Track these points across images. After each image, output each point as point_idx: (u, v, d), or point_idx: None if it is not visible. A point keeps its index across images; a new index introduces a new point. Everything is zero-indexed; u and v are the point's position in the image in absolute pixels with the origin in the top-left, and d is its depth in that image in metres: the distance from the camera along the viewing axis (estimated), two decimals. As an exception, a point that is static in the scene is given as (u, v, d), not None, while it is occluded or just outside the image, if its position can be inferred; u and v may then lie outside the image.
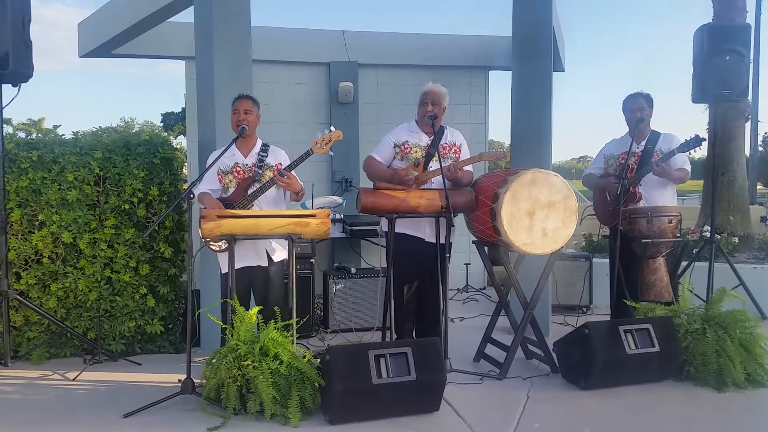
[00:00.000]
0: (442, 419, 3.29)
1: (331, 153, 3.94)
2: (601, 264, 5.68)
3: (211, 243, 3.77)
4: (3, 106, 4.11)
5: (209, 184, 3.86)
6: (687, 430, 3.18)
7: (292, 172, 3.79)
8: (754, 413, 3.46)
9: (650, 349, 3.67)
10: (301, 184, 3.89)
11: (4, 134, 4.14)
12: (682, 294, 4.03)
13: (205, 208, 3.73)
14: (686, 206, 10.15)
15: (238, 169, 3.87)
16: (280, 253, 3.93)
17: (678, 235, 4.24)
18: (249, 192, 3.82)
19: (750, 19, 7.45)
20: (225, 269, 3.85)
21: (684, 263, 5.36)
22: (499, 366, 4.00)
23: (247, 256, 3.84)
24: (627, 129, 4.46)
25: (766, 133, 36.23)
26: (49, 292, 4.35)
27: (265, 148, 3.96)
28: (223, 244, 3.78)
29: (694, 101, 5.31)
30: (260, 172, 3.85)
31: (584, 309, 5.70)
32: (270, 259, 3.88)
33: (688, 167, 4.39)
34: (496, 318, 4.38)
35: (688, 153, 4.35)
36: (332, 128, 3.84)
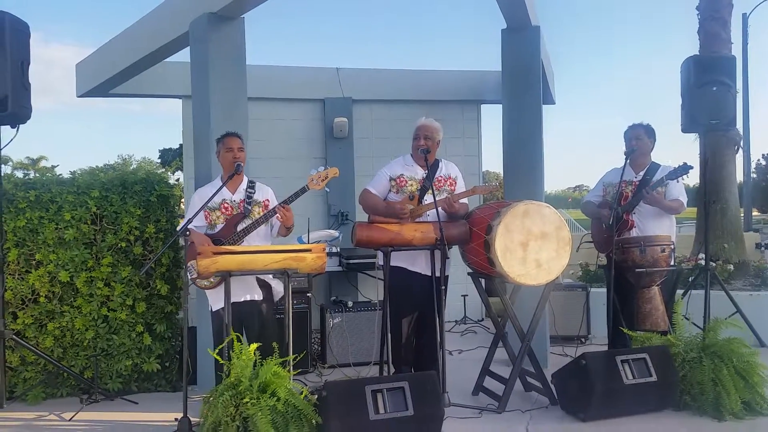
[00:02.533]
0: (441, 454, 3.27)
1: (327, 189, 3.98)
2: (599, 294, 5.69)
3: (198, 280, 3.76)
4: (1, 147, 4.15)
5: (196, 221, 3.82)
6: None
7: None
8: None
9: (648, 378, 3.67)
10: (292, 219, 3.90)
11: (2, 174, 4.17)
12: (676, 323, 4.03)
13: (191, 243, 3.74)
14: (682, 234, 10.18)
15: (225, 205, 3.87)
16: (278, 287, 3.94)
17: (672, 264, 4.27)
18: (239, 228, 3.83)
19: (735, 50, 7.59)
20: (215, 307, 3.85)
21: (680, 291, 5.38)
22: (498, 399, 3.98)
23: (237, 292, 3.80)
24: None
25: (758, 160, 36.64)
26: (45, 331, 4.34)
27: (251, 184, 3.98)
28: (212, 281, 3.79)
29: (683, 131, 5.39)
30: (249, 208, 3.87)
31: (582, 339, 5.69)
32: (266, 293, 3.88)
33: (684, 198, 4.44)
34: (494, 350, 4.37)
35: (681, 182, 4.41)
36: (328, 165, 3.89)
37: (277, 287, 3.94)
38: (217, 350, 3.38)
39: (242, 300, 3.83)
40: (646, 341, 3.97)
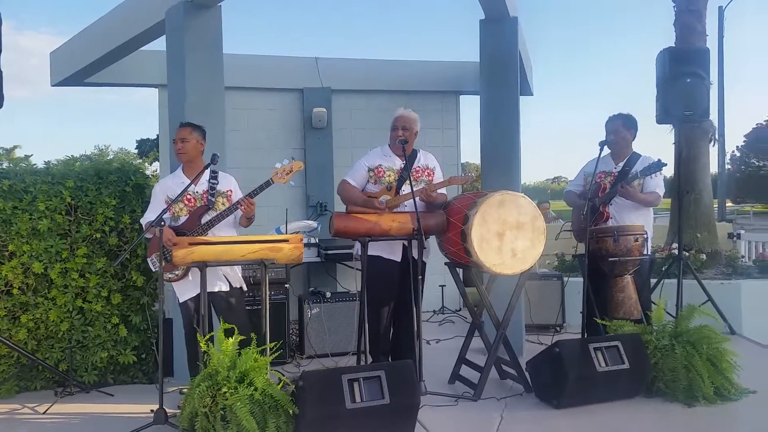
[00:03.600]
0: (417, 442, 3.30)
1: (292, 183, 3.96)
2: (574, 283, 5.77)
3: (167, 274, 3.74)
4: (-28, 136, 4.08)
5: (157, 213, 3.72)
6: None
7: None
8: (723, 427, 3.52)
9: (620, 366, 3.73)
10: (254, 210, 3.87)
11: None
12: (656, 313, 4.09)
13: (153, 236, 3.74)
14: (657, 224, 10.32)
15: (188, 197, 3.81)
16: (236, 278, 3.93)
17: (644, 253, 4.33)
18: (203, 221, 3.78)
19: (710, 42, 7.69)
20: (182, 298, 3.86)
21: (654, 280, 5.47)
22: (474, 387, 4.03)
23: (209, 283, 3.75)
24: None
25: (733, 151, 37.22)
26: (19, 323, 4.28)
27: (214, 174, 3.91)
28: (177, 274, 3.78)
29: (658, 122, 5.49)
30: (213, 200, 3.84)
31: (558, 328, 5.76)
32: (230, 284, 3.88)
33: (660, 191, 4.49)
34: (470, 339, 4.41)
35: (659, 176, 4.47)
36: (293, 158, 3.87)
37: (235, 276, 3.92)
38: (205, 339, 3.37)
39: (216, 290, 3.83)
40: (618, 329, 4.03)
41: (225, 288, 3.86)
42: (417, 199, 3.92)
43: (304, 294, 5.49)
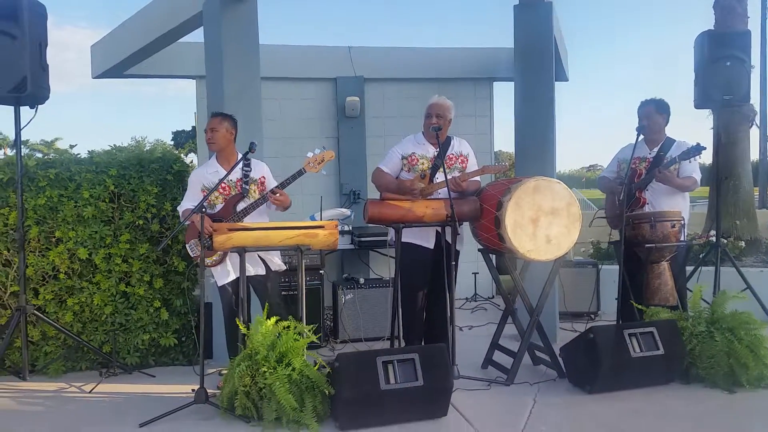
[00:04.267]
0: (450, 424, 3.36)
1: (324, 172, 4.02)
2: (609, 271, 5.73)
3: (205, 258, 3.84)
4: (21, 127, 4.24)
5: (194, 201, 3.91)
6: (697, 430, 3.21)
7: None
8: (763, 413, 3.49)
9: (655, 351, 3.71)
10: (289, 198, 3.97)
11: (22, 154, 4.26)
12: (693, 299, 4.05)
13: (191, 224, 3.87)
14: (696, 212, 10.14)
15: (223, 185, 3.91)
16: (277, 262, 4.03)
17: (681, 239, 4.29)
18: (238, 209, 3.90)
19: (752, 24, 7.51)
20: (220, 282, 3.97)
21: (691, 267, 5.41)
22: (507, 372, 4.06)
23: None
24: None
25: (776, 137, 36.05)
26: (65, 306, 4.45)
27: (247, 162, 3.99)
28: (215, 259, 3.89)
29: (696, 107, 5.40)
30: (247, 188, 3.94)
31: (592, 315, 5.73)
32: (267, 268, 3.98)
33: (697, 176, 4.43)
34: (503, 325, 4.44)
35: (695, 161, 4.41)
36: (324, 148, 3.94)
37: (277, 261, 4.02)
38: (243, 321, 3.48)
39: (252, 274, 3.95)
40: (654, 316, 4.00)
41: (262, 272, 3.97)
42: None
43: (338, 280, 5.57)
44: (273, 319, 3.45)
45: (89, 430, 3.42)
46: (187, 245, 4.04)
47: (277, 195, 3.84)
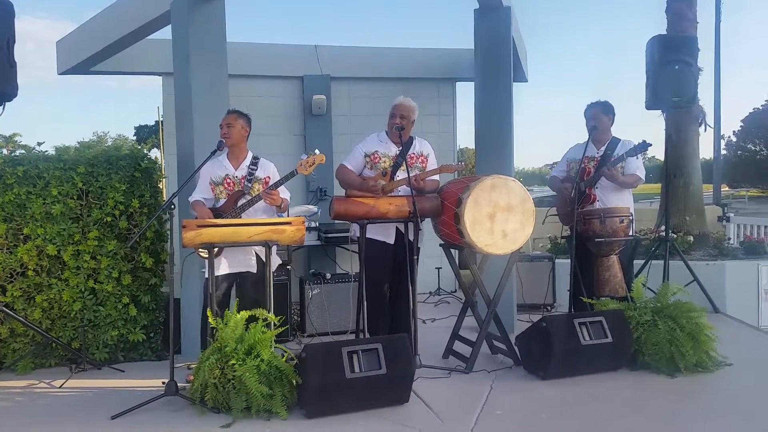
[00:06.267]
0: (412, 410, 3.53)
1: (314, 175, 4.17)
2: (564, 264, 5.94)
3: (200, 250, 3.96)
4: (-12, 125, 4.26)
5: (203, 193, 4.12)
6: (639, 412, 3.44)
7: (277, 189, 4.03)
8: (702, 394, 3.75)
9: (604, 339, 3.95)
10: (283, 197, 4.11)
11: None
12: (635, 289, 4.31)
13: (196, 216, 3.98)
14: (652, 208, 10.54)
15: (228, 180, 4.10)
16: (273, 260, 4.14)
17: (630, 234, 4.54)
18: (239, 204, 4.05)
19: (708, 27, 7.84)
20: (208, 274, 4.05)
21: (642, 261, 5.69)
22: (466, 361, 4.25)
23: (240, 263, 4.07)
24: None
25: (729, 136, 37.33)
26: (34, 303, 4.48)
27: (255, 161, 4.18)
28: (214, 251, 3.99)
29: (647, 108, 5.68)
30: (249, 185, 4.09)
31: (549, 307, 5.98)
32: (260, 264, 4.09)
33: (641, 173, 4.71)
34: (463, 316, 4.63)
35: (640, 158, 4.68)
36: (317, 151, 4.08)
37: (273, 259, 4.13)
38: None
39: (239, 271, 4.08)
40: (603, 307, 4.25)
41: (253, 270, 4.10)
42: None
43: (305, 275, 5.70)
44: (243, 313, 3.57)
45: (62, 422, 3.47)
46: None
47: (270, 194, 3.97)
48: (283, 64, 7.16)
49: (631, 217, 4.52)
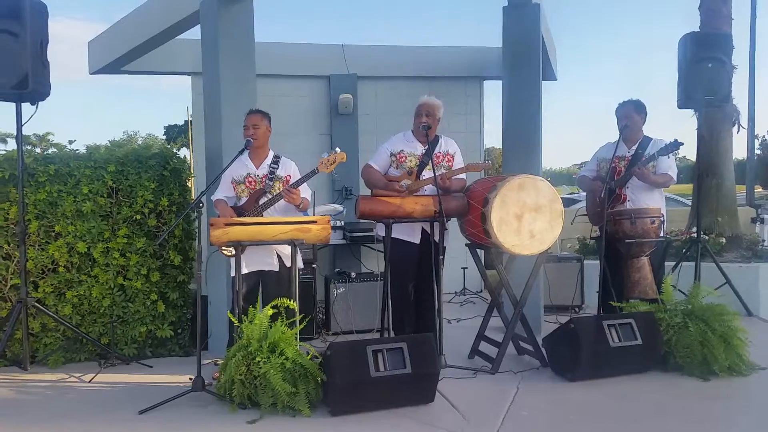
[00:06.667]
0: (436, 409, 3.51)
1: (335, 173, 4.18)
2: (593, 265, 5.87)
3: (223, 249, 3.99)
4: (23, 123, 4.35)
5: (225, 192, 4.17)
6: (668, 414, 3.38)
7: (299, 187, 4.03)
8: (736, 398, 3.67)
9: (633, 342, 3.89)
10: (303, 197, 4.10)
11: (23, 149, 4.36)
12: (665, 290, 4.23)
13: (219, 215, 4.00)
14: (685, 209, 10.33)
15: (250, 179, 4.13)
16: (289, 258, 4.15)
17: (661, 235, 4.45)
18: (260, 203, 4.07)
19: (739, 25, 7.66)
20: (234, 272, 4.08)
21: (673, 263, 5.58)
22: (492, 361, 4.21)
23: (261, 261, 4.09)
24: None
25: (764, 136, 36.48)
26: (64, 299, 4.57)
27: (276, 160, 4.21)
28: (233, 250, 4.01)
29: (679, 107, 5.56)
30: (270, 184, 4.11)
31: (576, 309, 5.91)
32: (282, 264, 4.11)
33: (673, 173, 4.61)
34: (489, 317, 4.59)
35: (672, 158, 4.58)
36: (338, 149, 4.08)
37: (288, 256, 4.14)
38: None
39: (262, 269, 4.09)
40: (633, 308, 4.17)
41: (275, 269, 4.12)
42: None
43: (331, 274, 5.71)
44: (267, 311, 3.59)
45: (91, 417, 3.53)
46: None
47: (291, 192, 3.98)
48: (310, 63, 7.19)
49: (662, 218, 4.43)
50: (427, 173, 4.27)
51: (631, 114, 4.65)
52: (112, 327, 4.60)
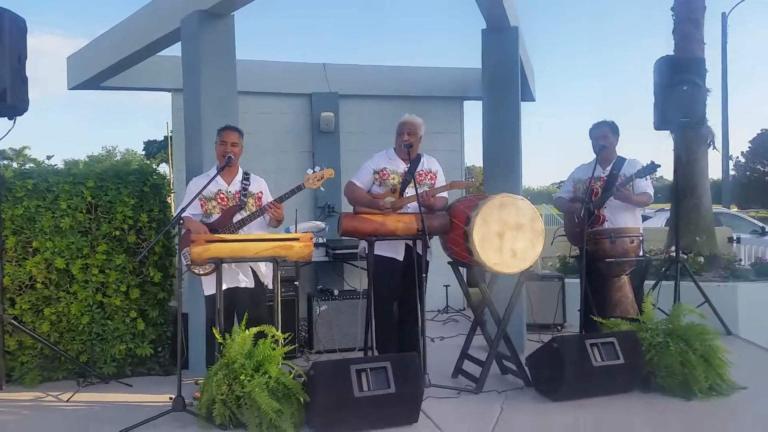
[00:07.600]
0: (420, 430, 3.49)
1: (322, 189, 4.17)
2: (574, 284, 5.90)
3: (193, 267, 3.94)
4: (0, 138, 4.28)
5: (191, 209, 4.02)
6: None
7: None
8: (719, 419, 3.70)
9: (615, 361, 3.90)
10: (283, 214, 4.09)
11: (1, 164, 4.30)
12: (645, 309, 4.27)
13: (186, 231, 3.92)
14: (664, 228, 10.46)
15: (221, 195, 4.08)
16: (263, 275, 4.13)
17: (640, 254, 4.51)
18: (236, 220, 4.03)
19: (715, 48, 7.86)
20: (207, 292, 4.04)
21: (653, 282, 5.64)
22: (476, 381, 4.20)
23: (233, 278, 4.03)
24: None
25: (737, 157, 37.28)
26: (42, 316, 4.48)
27: (246, 176, 4.18)
28: (207, 268, 3.96)
29: (656, 128, 5.68)
30: (245, 200, 4.07)
31: (558, 327, 5.93)
32: (257, 280, 4.07)
33: (651, 191, 4.69)
34: (472, 335, 4.59)
35: (649, 178, 4.66)
36: (324, 166, 4.08)
37: (267, 272, 4.12)
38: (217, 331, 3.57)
39: (235, 287, 4.03)
40: (614, 327, 4.20)
41: (250, 285, 4.07)
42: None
43: (313, 291, 5.68)
44: (252, 330, 3.55)
45: (68, 438, 3.46)
46: (181, 253, 4.11)
47: (276, 208, 3.97)
48: (291, 81, 7.20)
49: (641, 237, 4.49)
50: (410, 191, 4.29)
51: (607, 135, 4.72)
52: (91, 345, 4.53)
